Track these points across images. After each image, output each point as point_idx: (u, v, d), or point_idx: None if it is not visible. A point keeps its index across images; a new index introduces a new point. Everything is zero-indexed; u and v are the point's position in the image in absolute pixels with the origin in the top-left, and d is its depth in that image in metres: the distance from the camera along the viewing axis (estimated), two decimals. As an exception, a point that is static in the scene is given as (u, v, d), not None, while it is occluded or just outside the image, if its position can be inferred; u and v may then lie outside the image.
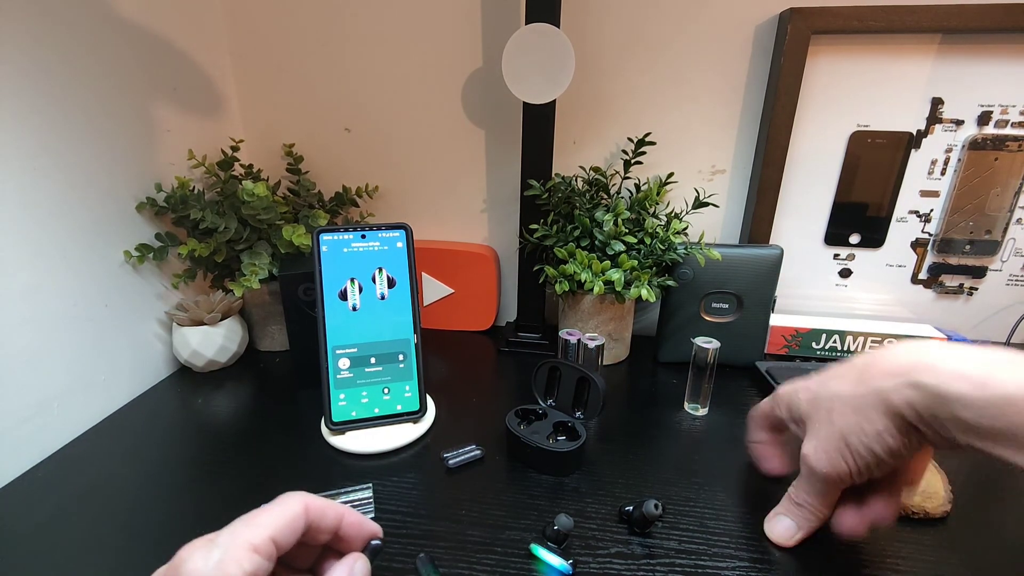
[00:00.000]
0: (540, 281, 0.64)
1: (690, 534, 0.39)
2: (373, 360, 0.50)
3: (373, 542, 0.28)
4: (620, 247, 0.58)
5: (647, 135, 0.61)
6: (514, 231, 0.70)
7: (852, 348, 0.63)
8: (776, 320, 0.64)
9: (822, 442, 0.33)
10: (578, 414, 0.50)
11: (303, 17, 0.66)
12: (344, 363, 0.49)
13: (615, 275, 0.57)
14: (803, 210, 0.65)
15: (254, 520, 0.24)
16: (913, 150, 0.61)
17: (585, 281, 0.57)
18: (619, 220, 0.59)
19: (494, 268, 0.71)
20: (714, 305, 0.62)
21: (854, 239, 0.66)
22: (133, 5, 0.55)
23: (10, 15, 0.44)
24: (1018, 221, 0.62)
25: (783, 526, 0.37)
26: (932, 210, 0.63)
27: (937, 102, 0.59)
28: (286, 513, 0.25)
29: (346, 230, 0.50)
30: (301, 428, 0.52)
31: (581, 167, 0.66)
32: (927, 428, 0.29)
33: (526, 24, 0.55)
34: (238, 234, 0.59)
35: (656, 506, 0.37)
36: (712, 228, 0.69)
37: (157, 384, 0.60)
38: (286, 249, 0.61)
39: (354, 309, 0.50)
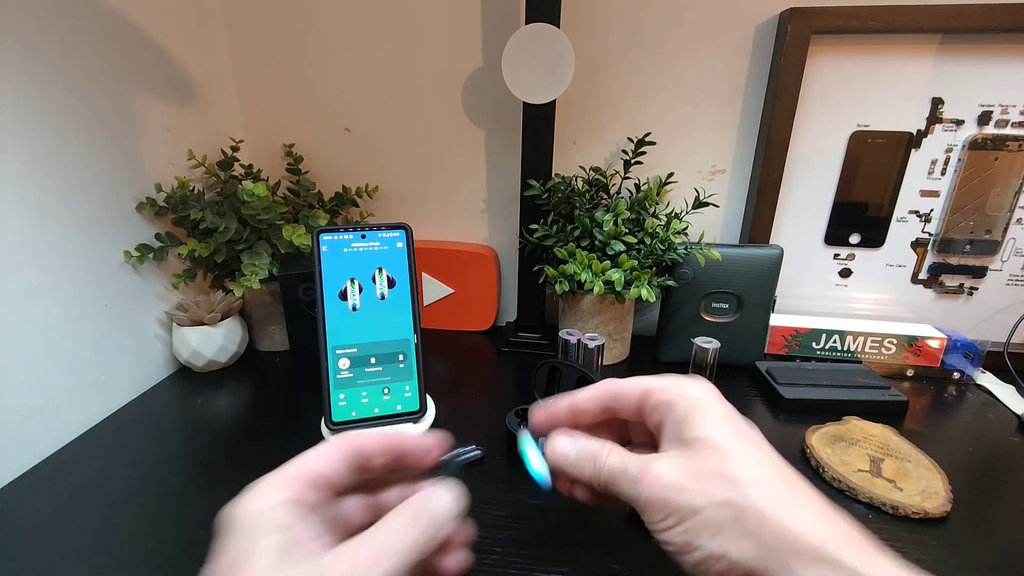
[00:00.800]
0: (540, 281, 0.64)
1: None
2: (373, 360, 0.50)
3: (446, 456, 0.28)
4: (620, 247, 0.58)
5: (647, 135, 0.61)
6: (514, 231, 0.70)
7: (852, 348, 0.63)
8: (776, 320, 0.64)
9: (683, 490, 0.24)
10: (578, 414, 0.50)
11: (303, 17, 0.66)
12: (344, 363, 0.49)
13: (615, 275, 0.57)
14: (803, 210, 0.65)
15: (287, 463, 0.26)
16: (913, 150, 0.61)
17: (585, 281, 0.57)
18: (619, 220, 0.59)
19: (494, 268, 0.71)
20: (714, 305, 0.62)
21: (854, 239, 0.66)
22: (133, 5, 0.55)
23: (10, 15, 0.44)
24: (1018, 221, 0.62)
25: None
26: (932, 210, 0.63)
27: (937, 102, 0.59)
28: (318, 450, 0.26)
29: (346, 230, 0.50)
30: (301, 428, 0.52)
31: (581, 167, 0.66)
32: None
33: (526, 24, 0.55)
34: (238, 234, 0.59)
35: None
36: (712, 228, 0.69)
37: (157, 384, 0.60)
38: (286, 249, 0.61)
39: (354, 309, 0.50)
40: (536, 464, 0.31)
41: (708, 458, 0.25)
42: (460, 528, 0.27)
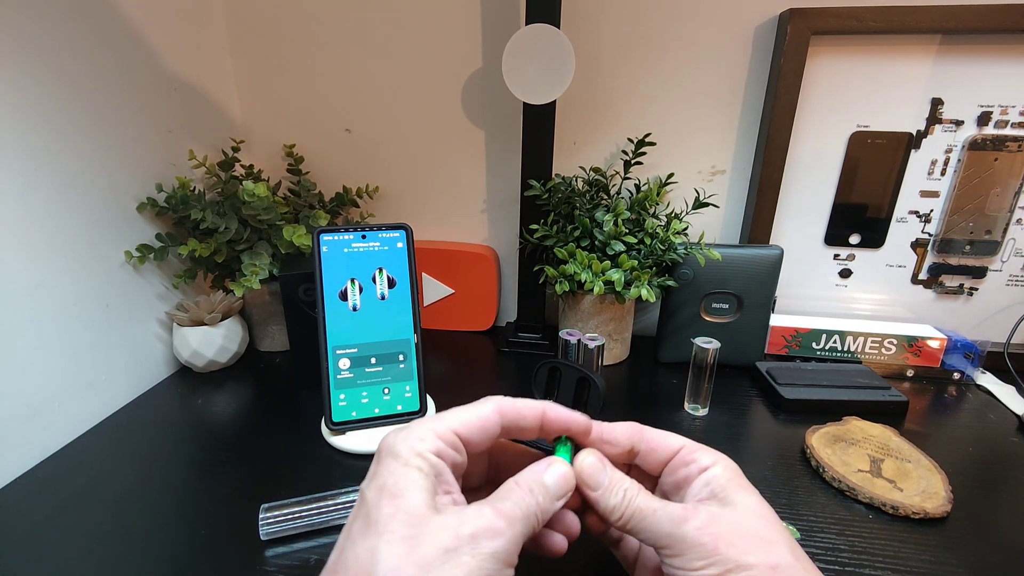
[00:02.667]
0: (540, 281, 0.64)
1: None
2: (373, 360, 0.50)
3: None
4: (620, 247, 0.58)
5: (647, 135, 0.61)
6: (514, 231, 0.70)
7: (852, 348, 0.63)
8: (776, 320, 0.64)
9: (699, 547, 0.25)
10: (578, 414, 0.50)
11: (303, 18, 0.66)
12: (344, 363, 0.49)
13: (615, 275, 0.57)
14: (803, 210, 0.65)
15: (444, 415, 0.26)
16: (913, 150, 0.61)
17: (585, 281, 0.57)
18: (619, 220, 0.59)
19: (494, 268, 0.71)
20: (714, 305, 0.62)
21: (854, 239, 0.66)
22: (133, 5, 0.55)
23: (10, 15, 0.44)
24: (1018, 221, 0.62)
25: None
26: (932, 210, 0.63)
27: (937, 102, 0.59)
28: (475, 412, 0.27)
29: (346, 230, 0.50)
30: (301, 428, 0.52)
31: (581, 167, 0.66)
32: None
33: (526, 24, 0.55)
34: (238, 234, 0.59)
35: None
36: (712, 228, 0.69)
37: (157, 384, 0.60)
38: (286, 249, 0.61)
39: (354, 309, 0.50)
40: None
41: (757, 522, 0.26)
42: (565, 509, 0.28)
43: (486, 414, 0.27)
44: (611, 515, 0.27)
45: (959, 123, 0.60)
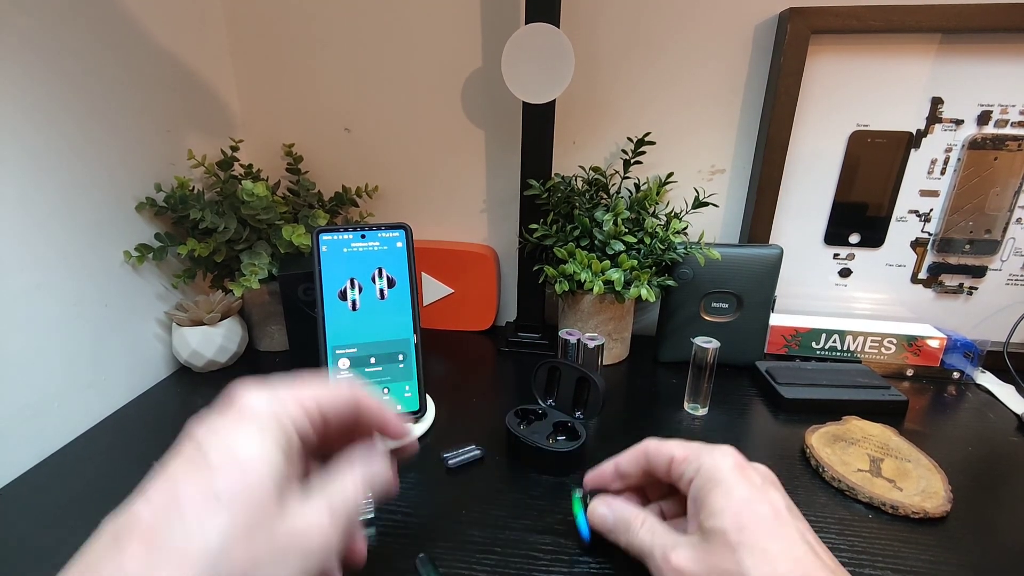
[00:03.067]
0: (540, 281, 0.64)
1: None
2: (373, 360, 0.50)
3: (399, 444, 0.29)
4: (620, 247, 0.58)
5: (647, 135, 0.61)
6: (514, 231, 0.70)
7: (852, 348, 0.63)
8: (776, 320, 0.64)
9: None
10: (578, 414, 0.50)
11: (303, 17, 0.66)
12: (344, 363, 0.49)
13: (615, 275, 0.57)
14: (803, 210, 0.65)
15: (305, 383, 0.25)
16: (913, 150, 0.61)
17: (585, 281, 0.57)
18: (619, 220, 0.59)
19: (494, 268, 0.71)
20: (714, 305, 0.62)
21: (854, 239, 0.66)
22: (133, 5, 0.55)
23: (10, 15, 0.44)
24: (1018, 221, 0.62)
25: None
26: (932, 210, 0.63)
27: (937, 102, 0.59)
28: (337, 390, 0.25)
29: (346, 230, 0.50)
30: (301, 428, 0.52)
31: (581, 167, 0.66)
32: None
33: (526, 24, 0.55)
34: (238, 234, 0.59)
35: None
36: (712, 228, 0.69)
37: (157, 384, 0.60)
38: (286, 249, 0.61)
39: (354, 309, 0.50)
40: (583, 521, 0.36)
41: (723, 556, 0.26)
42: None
43: (347, 395, 0.26)
44: (628, 549, 0.31)
45: (959, 122, 0.60)
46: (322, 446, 0.26)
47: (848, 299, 0.68)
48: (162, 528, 0.19)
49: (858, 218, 0.65)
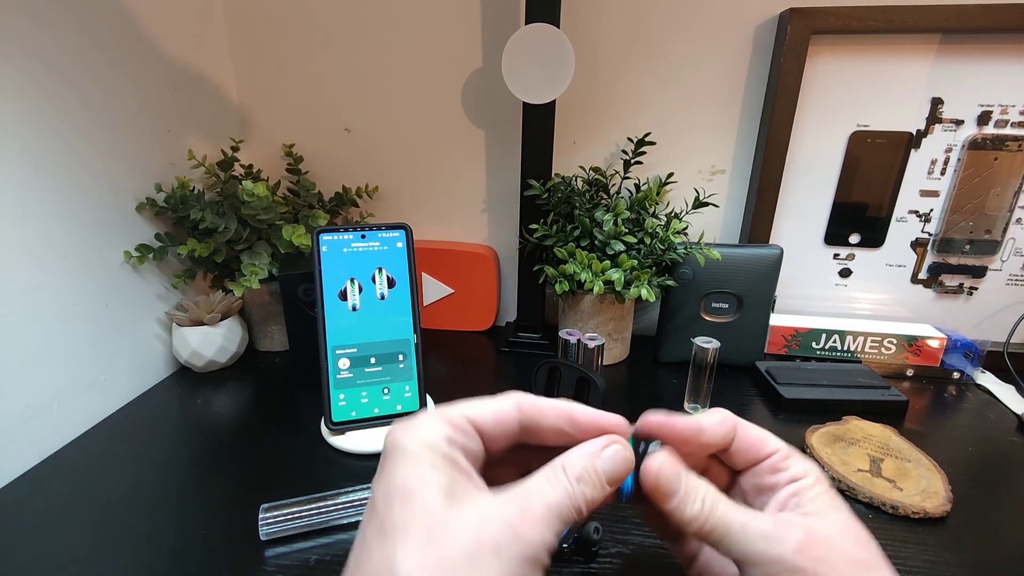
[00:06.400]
0: (540, 281, 0.64)
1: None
2: (373, 360, 0.50)
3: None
4: (620, 247, 0.58)
5: (647, 135, 0.61)
6: (514, 231, 0.70)
7: (852, 348, 0.63)
8: (776, 320, 0.64)
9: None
10: (578, 414, 0.50)
11: (303, 17, 0.66)
12: (344, 363, 0.49)
13: (615, 275, 0.57)
14: (803, 210, 0.65)
15: (457, 403, 0.24)
16: (913, 150, 0.61)
17: (585, 281, 0.57)
18: (619, 220, 0.59)
19: (494, 268, 0.71)
20: (714, 305, 0.62)
21: (854, 239, 0.66)
22: (133, 5, 0.55)
23: (10, 15, 0.44)
24: (1018, 221, 0.62)
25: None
26: (932, 210, 0.63)
27: (937, 102, 0.59)
28: (491, 402, 0.24)
29: (346, 230, 0.50)
30: (301, 428, 0.52)
31: (581, 167, 0.66)
32: None
33: (526, 24, 0.55)
34: (238, 234, 0.59)
35: (596, 530, 0.36)
36: (712, 228, 0.69)
37: (157, 384, 0.60)
38: (286, 249, 0.61)
39: (354, 309, 0.50)
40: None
41: (854, 544, 0.23)
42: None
43: (503, 407, 0.24)
44: (688, 526, 0.24)
45: (959, 122, 0.60)
46: (514, 454, 0.26)
47: (848, 299, 0.68)
48: None
49: (858, 218, 0.65)
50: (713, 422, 0.27)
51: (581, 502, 0.22)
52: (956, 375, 0.61)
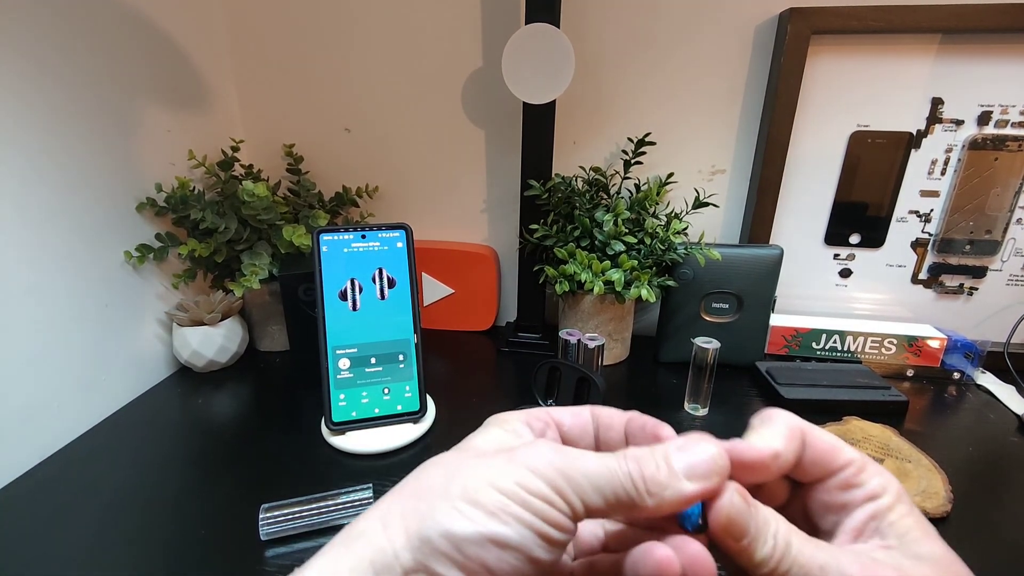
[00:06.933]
0: (540, 281, 0.64)
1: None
2: (373, 360, 0.50)
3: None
4: (620, 247, 0.58)
5: (647, 135, 0.61)
6: (514, 231, 0.70)
7: (852, 348, 0.63)
8: (776, 320, 0.64)
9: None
10: (578, 414, 0.50)
11: (303, 17, 0.66)
12: (344, 363, 0.49)
13: (615, 275, 0.57)
14: (803, 210, 0.65)
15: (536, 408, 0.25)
16: (913, 150, 0.61)
17: (585, 281, 0.57)
18: (619, 220, 0.59)
19: (494, 268, 0.71)
20: (714, 305, 0.62)
21: (854, 239, 0.66)
22: (133, 5, 0.55)
23: (10, 16, 0.44)
24: (1018, 221, 0.62)
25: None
26: (932, 210, 0.63)
27: (937, 102, 0.59)
28: (569, 407, 0.25)
29: (346, 230, 0.50)
30: (301, 428, 0.52)
31: (581, 167, 0.66)
32: None
33: (526, 24, 0.55)
34: (238, 234, 0.59)
35: None
36: (712, 228, 0.69)
37: (157, 384, 0.60)
38: (286, 249, 0.61)
39: (354, 309, 0.50)
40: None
41: None
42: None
43: (579, 409, 0.25)
44: (757, 569, 0.20)
45: (959, 123, 0.60)
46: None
47: (848, 299, 0.68)
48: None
49: (858, 218, 0.65)
50: (787, 446, 0.22)
51: (639, 478, 0.19)
52: (956, 375, 0.61)
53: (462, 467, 0.20)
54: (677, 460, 0.20)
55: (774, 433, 0.23)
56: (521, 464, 0.19)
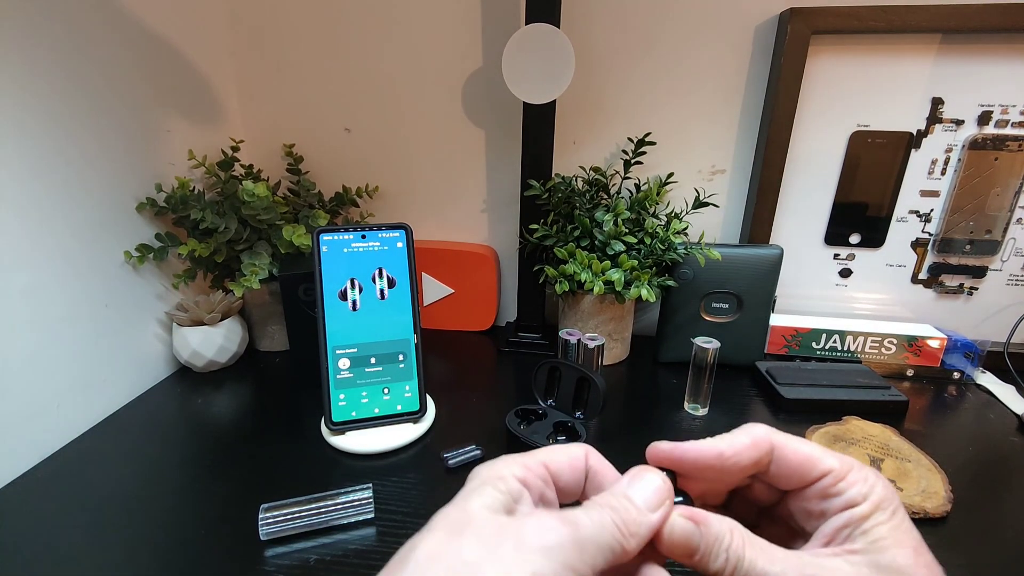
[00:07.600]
0: (540, 281, 0.64)
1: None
2: (373, 360, 0.50)
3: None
4: (620, 247, 0.58)
5: (647, 135, 0.61)
6: (514, 231, 0.70)
7: (852, 348, 0.63)
8: (776, 320, 0.64)
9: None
10: (578, 414, 0.50)
11: (303, 17, 0.66)
12: (344, 363, 0.49)
13: (615, 275, 0.57)
14: (803, 210, 0.65)
15: (533, 451, 0.24)
16: (913, 150, 0.61)
17: (585, 281, 0.57)
18: (619, 220, 0.59)
19: (494, 268, 0.71)
20: (714, 305, 0.62)
21: (854, 239, 0.66)
22: (133, 5, 0.55)
23: (10, 16, 0.44)
24: (1018, 221, 0.62)
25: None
26: (932, 210, 0.63)
27: (937, 102, 0.59)
28: (564, 448, 0.24)
29: (346, 230, 0.50)
30: (301, 428, 0.52)
31: (581, 167, 0.66)
32: None
33: (526, 24, 0.55)
34: (238, 234, 0.59)
35: None
36: (712, 228, 0.69)
37: (157, 384, 0.60)
38: (286, 249, 0.61)
39: (354, 309, 0.50)
40: None
41: None
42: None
43: (575, 452, 0.24)
44: None
45: (959, 123, 0.60)
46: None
47: (848, 299, 0.68)
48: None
49: (858, 218, 0.65)
50: (737, 446, 0.23)
51: (619, 522, 0.20)
52: (956, 375, 0.61)
53: (469, 564, 0.18)
54: (636, 496, 0.21)
55: (733, 439, 0.23)
56: (533, 549, 0.18)
